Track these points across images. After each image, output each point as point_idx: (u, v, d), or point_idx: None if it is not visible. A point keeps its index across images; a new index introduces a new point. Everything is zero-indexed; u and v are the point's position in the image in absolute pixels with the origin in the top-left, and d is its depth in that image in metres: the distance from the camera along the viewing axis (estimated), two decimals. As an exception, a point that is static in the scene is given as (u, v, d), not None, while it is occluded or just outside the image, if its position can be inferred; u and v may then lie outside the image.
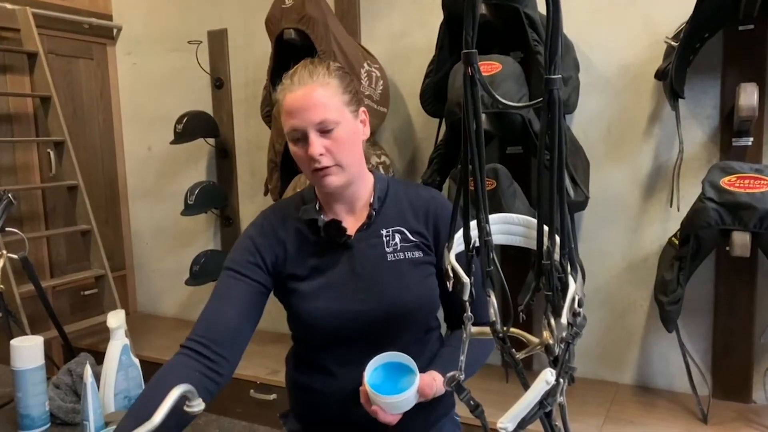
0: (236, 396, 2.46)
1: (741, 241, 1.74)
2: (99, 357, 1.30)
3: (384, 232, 1.17)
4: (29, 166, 2.98)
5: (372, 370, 1.06)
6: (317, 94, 1.08)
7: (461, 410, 1.24)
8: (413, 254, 1.17)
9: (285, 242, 1.18)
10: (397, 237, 1.17)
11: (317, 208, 1.18)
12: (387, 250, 1.16)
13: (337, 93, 1.10)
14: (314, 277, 1.17)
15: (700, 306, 2.12)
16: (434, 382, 1.08)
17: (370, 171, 1.22)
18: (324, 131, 1.08)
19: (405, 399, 1.03)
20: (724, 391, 2.09)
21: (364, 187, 1.19)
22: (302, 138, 1.09)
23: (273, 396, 2.43)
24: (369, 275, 1.15)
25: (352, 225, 1.19)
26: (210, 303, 1.14)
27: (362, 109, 1.16)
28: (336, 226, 1.15)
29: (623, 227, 2.24)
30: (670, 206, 2.12)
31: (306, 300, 1.16)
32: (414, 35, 2.54)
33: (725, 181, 1.74)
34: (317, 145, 1.08)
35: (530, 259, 1.93)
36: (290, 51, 2.30)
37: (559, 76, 0.56)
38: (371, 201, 1.18)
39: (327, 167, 1.10)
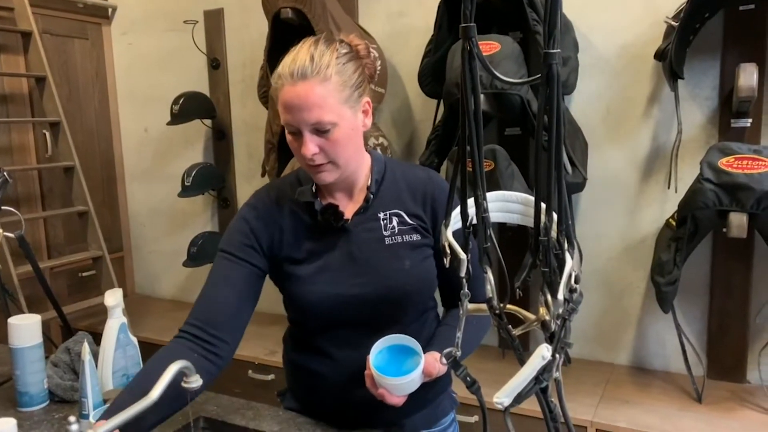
0: (235, 376, 2.47)
1: (738, 222, 1.74)
2: (97, 338, 1.29)
3: (381, 215, 1.17)
4: (25, 147, 2.96)
5: (376, 353, 1.07)
6: (314, 94, 1.03)
7: (457, 388, 1.25)
8: (411, 237, 1.16)
9: (281, 225, 1.17)
10: (395, 220, 1.16)
11: (313, 190, 1.18)
12: (384, 233, 1.16)
13: (336, 90, 1.04)
14: (311, 260, 1.16)
15: (697, 287, 2.13)
16: (437, 362, 1.08)
17: (368, 152, 1.21)
18: (319, 131, 1.05)
19: (411, 380, 1.03)
20: (719, 371, 2.11)
21: (362, 172, 1.18)
22: (297, 132, 1.07)
23: (271, 376, 2.45)
24: (366, 259, 1.15)
25: (349, 208, 1.18)
26: (206, 287, 1.14)
27: (366, 99, 1.12)
28: (333, 210, 1.14)
29: (621, 209, 2.24)
30: (668, 187, 2.12)
31: (302, 284, 1.15)
32: (412, 15, 2.51)
33: (723, 162, 1.74)
34: (311, 145, 1.05)
35: (527, 242, 1.94)
36: (287, 30, 2.28)
37: (558, 50, 0.55)
38: (368, 184, 1.17)
39: (321, 164, 1.08)
